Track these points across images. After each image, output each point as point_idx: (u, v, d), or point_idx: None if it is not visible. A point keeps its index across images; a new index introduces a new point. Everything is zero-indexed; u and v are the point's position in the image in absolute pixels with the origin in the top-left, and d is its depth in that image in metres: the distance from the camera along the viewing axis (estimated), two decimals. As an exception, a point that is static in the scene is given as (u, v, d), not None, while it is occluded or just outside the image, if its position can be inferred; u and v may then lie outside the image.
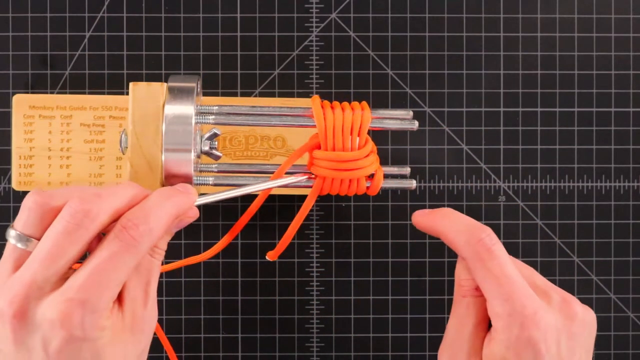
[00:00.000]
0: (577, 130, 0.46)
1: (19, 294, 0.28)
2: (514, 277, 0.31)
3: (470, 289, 0.33)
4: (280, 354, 0.46)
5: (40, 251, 0.29)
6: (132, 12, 0.45)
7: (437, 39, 0.46)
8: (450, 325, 0.33)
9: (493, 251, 0.31)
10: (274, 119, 0.37)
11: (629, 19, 0.46)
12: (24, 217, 0.29)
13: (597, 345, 0.46)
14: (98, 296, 0.28)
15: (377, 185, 0.37)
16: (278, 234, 0.45)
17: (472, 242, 0.31)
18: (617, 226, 0.46)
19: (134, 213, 0.30)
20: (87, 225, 0.29)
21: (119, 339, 0.29)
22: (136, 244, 0.29)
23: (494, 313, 0.31)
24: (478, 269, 0.31)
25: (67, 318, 0.27)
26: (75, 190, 0.30)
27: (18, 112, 0.43)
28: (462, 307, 0.33)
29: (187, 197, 0.32)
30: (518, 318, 0.30)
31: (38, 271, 0.28)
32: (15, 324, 0.28)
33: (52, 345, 0.28)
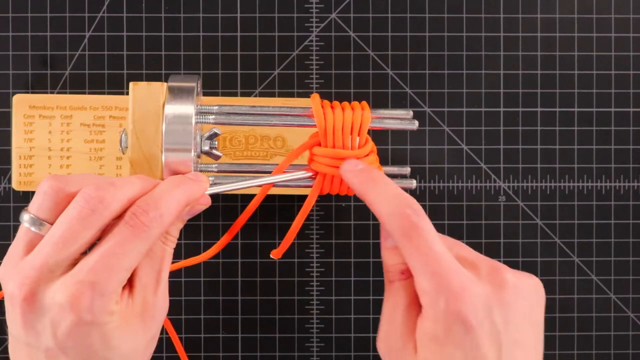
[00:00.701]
0: (577, 130, 0.46)
1: (29, 277, 0.28)
2: (440, 253, 0.29)
3: (396, 273, 0.32)
4: (280, 354, 0.46)
5: (53, 235, 0.29)
6: (132, 12, 0.45)
7: (437, 39, 0.46)
8: (383, 313, 0.32)
9: (419, 227, 0.30)
10: (274, 119, 0.37)
11: (629, 19, 0.46)
12: (39, 200, 0.29)
13: (597, 345, 0.46)
14: (107, 280, 0.28)
15: (377, 185, 0.36)
16: (278, 234, 0.45)
17: (398, 217, 0.30)
18: (617, 226, 0.46)
19: (145, 200, 0.30)
20: (100, 211, 0.29)
21: (129, 325, 0.29)
22: (146, 230, 0.29)
23: (421, 290, 0.29)
24: (404, 244, 0.30)
25: (76, 301, 0.27)
26: (91, 178, 0.30)
27: (18, 112, 0.43)
28: (392, 292, 0.32)
29: (198, 185, 0.32)
30: (444, 293, 0.28)
31: (50, 255, 0.28)
32: (25, 307, 0.28)
33: (61, 329, 0.28)
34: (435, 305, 0.29)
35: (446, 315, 0.28)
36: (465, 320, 0.28)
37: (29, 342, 0.28)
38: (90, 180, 0.30)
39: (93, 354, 0.28)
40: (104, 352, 0.28)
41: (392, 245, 0.32)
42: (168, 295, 0.31)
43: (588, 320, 0.46)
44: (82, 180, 0.30)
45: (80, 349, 0.28)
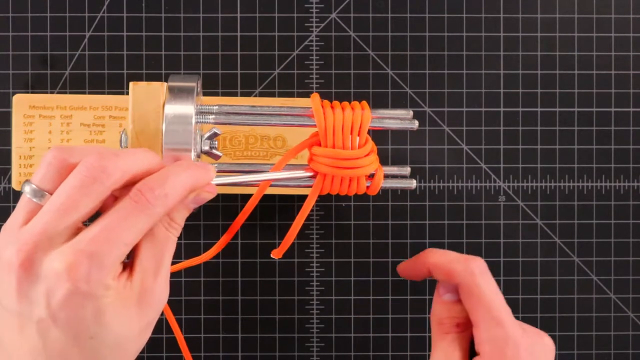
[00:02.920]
0: (577, 130, 0.46)
1: (27, 243, 0.28)
2: (504, 304, 0.33)
3: (451, 326, 0.34)
4: (280, 354, 0.46)
5: (54, 203, 0.28)
6: (132, 12, 0.45)
7: (437, 39, 0.46)
8: (434, 357, 0.34)
9: (487, 279, 0.33)
10: (274, 119, 0.37)
11: (629, 19, 0.46)
12: (43, 171, 0.29)
13: (597, 345, 0.46)
14: (106, 252, 0.28)
15: (377, 185, 0.37)
16: (278, 234, 0.45)
17: (468, 270, 0.33)
18: (617, 226, 0.46)
19: (151, 178, 0.30)
20: (102, 180, 0.29)
21: (124, 307, 0.29)
22: (150, 207, 0.29)
23: (484, 337, 0.32)
24: (473, 294, 0.33)
25: (73, 269, 0.27)
26: (94, 148, 0.30)
27: (18, 112, 0.43)
28: (446, 343, 0.34)
29: (205, 172, 0.32)
30: (509, 342, 0.32)
31: (49, 222, 0.28)
32: (21, 273, 0.28)
33: (56, 298, 0.27)
34: (498, 355, 0.32)
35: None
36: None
37: (21, 312, 0.28)
38: (93, 151, 0.30)
39: (84, 328, 0.28)
40: (96, 327, 0.28)
41: (452, 300, 0.35)
42: (169, 285, 0.31)
43: (588, 320, 0.46)
44: (86, 151, 0.30)
45: (73, 320, 0.28)
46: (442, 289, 0.35)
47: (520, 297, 0.46)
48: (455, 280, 0.34)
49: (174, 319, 0.42)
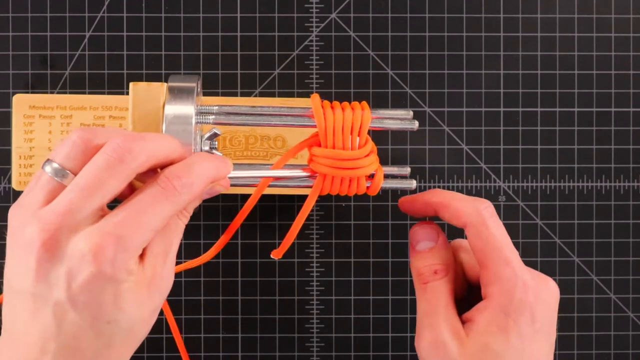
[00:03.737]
0: (577, 130, 0.46)
1: (52, 223, 0.27)
2: (512, 247, 0.33)
3: (430, 274, 0.34)
4: (280, 354, 0.46)
5: (78, 183, 0.28)
6: (132, 12, 0.45)
7: (437, 39, 0.46)
8: (421, 311, 0.34)
9: (496, 220, 0.33)
10: (274, 119, 0.36)
11: (629, 19, 0.46)
12: (66, 150, 0.29)
13: (597, 345, 0.46)
14: (133, 236, 0.28)
15: (377, 185, 0.37)
16: (278, 234, 0.45)
17: (478, 210, 0.33)
18: (617, 226, 0.46)
19: (177, 166, 0.30)
20: (128, 162, 0.28)
21: (139, 292, 0.29)
22: (177, 194, 0.29)
23: (492, 278, 0.32)
24: (482, 234, 0.33)
25: (100, 251, 0.27)
26: (120, 130, 0.30)
27: (18, 112, 0.43)
28: (428, 292, 0.34)
29: (225, 164, 0.32)
30: (518, 283, 0.31)
31: (75, 201, 0.28)
32: (43, 253, 0.27)
33: (78, 280, 0.27)
34: (508, 295, 0.32)
35: (518, 304, 0.31)
36: (533, 311, 0.31)
37: (36, 293, 0.27)
38: (119, 132, 0.30)
39: (102, 313, 0.28)
40: (113, 312, 0.28)
41: (426, 248, 0.35)
42: (174, 271, 0.31)
43: (588, 320, 0.46)
44: (112, 132, 0.30)
45: (92, 305, 0.27)
46: (416, 238, 0.35)
47: (520, 297, 0.46)
48: (463, 220, 0.33)
49: (173, 320, 0.42)
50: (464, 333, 0.32)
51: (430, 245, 0.35)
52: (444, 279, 0.34)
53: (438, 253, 0.35)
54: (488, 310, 0.32)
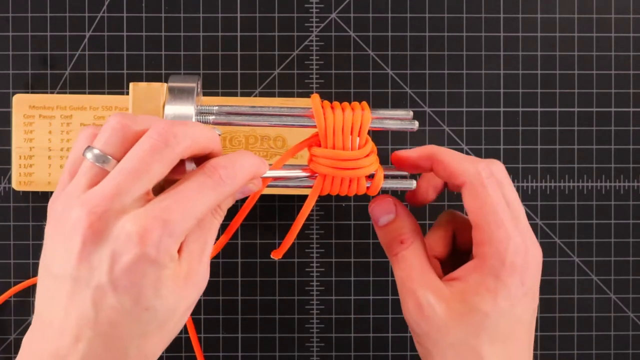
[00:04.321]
0: (577, 130, 0.46)
1: (100, 205, 0.27)
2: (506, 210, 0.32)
3: (397, 244, 0.34)
4: (280, 354, 0.46)
5: (125, 166, 0.28)
6: (132, 12, 0.45)
7: (437, 39, 0.46)
8: (400, 282, 0.34)
9: (497, 180, 0.33)
10: (274, 119, 0.36)
11: (629, 19, 0.46)
12: (106, 136, 0.29)
13: (597, 345, 0.46)
14: (179, 221, 0.28)
15: (378, 185, 0.36)
16: (278, 234, 0.45)
17: (478, 169, 0.33)
18: (617, 226, 0.46)
19: (222, 158, 0.30)
20: (173, 146, 0.29)
21: (177, 283, 0.29)
22: (222, 184, 0.29)
23: (485, 238, 0.32)
24: (479, 194, 0.32)
25: (146, 233, 0.27)
26: (156, 117, 0.30)
27: (18, 112, 0.43)
28: (400, 261, 0.34)
29: (262, 163, 0.33)
30: (510, 245, 0.31)
31: (122, 184, 0.28)
32: (89, 235, 0.27)
33: (122, 262, 0.27)
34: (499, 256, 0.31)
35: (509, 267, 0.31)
36: (523, 275, 0.31)
37: (77, 276, 0.27)
38: (158, 119, 0.30)
39: (142, 298, 0.27)
40: (152, 298, 0.28)
41: (388, 221, 0.35)
42: (209, 270, 0.31)
43: (588, 320, 0.46)
44: (151, 119, 0.30)
45: (132, 288, 0.27)
46: (377, 212, 0.35)
47: (520, 297, 0.46)
48: (461, 179, 0.33)
49: (190, 320, 0.42)
50: (447, 292, 0.32)
51: (390, 218, 0.35)
52: (412, 246, 0.34)
53: (400, 224, 0.35)
54: (478, 271, 0.32)
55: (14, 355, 0.45)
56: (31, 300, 0.45)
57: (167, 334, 0.29)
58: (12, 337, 0.45)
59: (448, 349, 0.31)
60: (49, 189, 0.43)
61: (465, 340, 0.31)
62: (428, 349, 0.32)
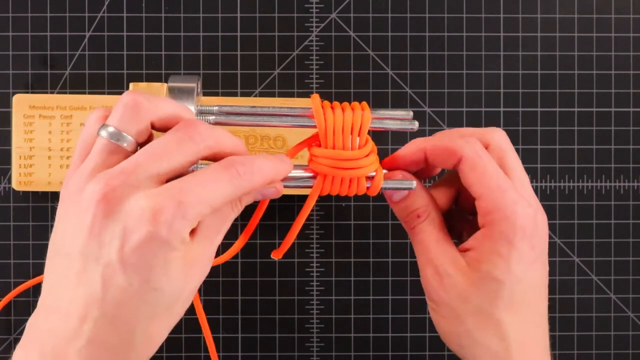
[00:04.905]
0: (577, 130, 0.46)
1: (117, 178, 0.27)
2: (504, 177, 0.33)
3: (414, 218, 0.35)
4: (280, 354, 0.46)
5: (147, 149, 0.28)
6: (132, 12, 0.45)
7: (437, 39, 0.46)
8: (418, 254, 0.34)
9: (500, 147, 0.33)
10: (274, 119, 0.36)
11: (629, 19, 0.46)
12: (120, 113, 0.29)
13: (597, 345, 0.46)
14: (193, 205, 0.28)
15: (377, 185, 0.36)
16: (278, 234, 0.46)
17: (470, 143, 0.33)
18: (617, 226, 0.46)
19: (241, 157, 0.30)
20: (197, 142, 0.29)
21: (185, 265, 0.28)
22: (239, 178, 0.29)
23: (491, 206, 0.32)
24: (477, 165, 0.33)
25: (159, 211, 0.27)
26: (166, 99, 0.31)
27: (18, 112, 0.43)
28: (418, 234, 0.34)
29: (284, 164, 0.33)
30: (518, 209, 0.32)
31: (142, 162, 0.28)
32: (102, 207, 0.27)
33: (132, 239, 0.27)
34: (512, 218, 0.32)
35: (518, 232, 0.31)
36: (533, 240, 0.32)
37: (88, 253, 0.27)
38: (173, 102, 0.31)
39: (151, 278, 0.27)
40: (162, 278, 0.27)
41: (402, 197, 0.35)
42: (213, 259, 0.31)
43: (588, 320, 0.46)
44: (161, 98, 0.30)
45: (142, 268, 0.27)
46: (389, 192, 0.36)
47: (520, 297, 0.46)
48: (458, 155, 0.33)
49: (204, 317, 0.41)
50: (463, 262, 0.33)
51: (404, 194, 0.35)
52: (428, 219, 0.34)
53: (415, 199, 0.35)
54: (488, 239, 0.32)
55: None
56: (31, 301, 0.45)
57: (173, 317, 0.29)
58: (12, 337, 0.45)
59: (468, 317, 0.32)
60: (49, 189, 0.43)
61: (483, 307, 0.32)
62: (446, 317, 0.33)
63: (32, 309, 0.45)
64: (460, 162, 0.33)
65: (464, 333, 0.32)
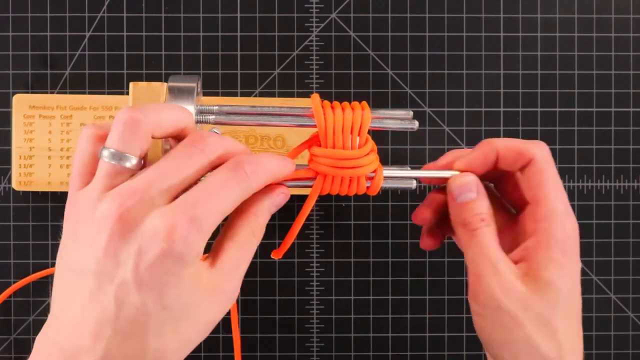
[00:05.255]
0: (577, 130, 0.46)
1: (131, 198, 0.27)
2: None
3: (478, 222, 0.34)
4: (280, 354, 0.46)
5: (158, 165, 0.29)
6: (132, 12, 0.45)
7: (437, 39, 0.46)
8: (476, 258, 0.33)
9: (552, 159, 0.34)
10: (274, 119, 0.36)
11: (629, 19, 0.46)
12: (119, 133, 0.29)
13: (597, 345, 0.46)
14: (206, 217, 0.28)
15: (377, 184, 0.36)
16: (278, 234, 0.45)
17: (542, 147, 0.34)
18: (617, 226, 0.46)
19: (247, 156, 0.31)
20: (207, 152, 0.29)
21: (199, 288, 0.29)
22: (247, 179, 0.29)
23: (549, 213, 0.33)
24: (545, 170, 0.34)
25: (174, 229, 0.27)
26: (164, 106, 0.31)
27: (18, 112, 0.43)
28: (480, 237, 0.34)
29: (286, 164, 0.33)
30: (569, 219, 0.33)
31: (154, 180, 0.28)
32: (117, 228, 0.27)
33: (147, 258, 0.27)
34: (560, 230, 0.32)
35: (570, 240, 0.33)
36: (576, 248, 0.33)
37: (103, 272, 0.27)
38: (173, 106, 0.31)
39: (163, 295, 0.27)
40: (171, 296, 0.28)
41: (468, 200, 0.35)
42: (239, 290, 0.31)
43: (588, 320, 0.46)
44: (158, 107, 0.30)
45: (155, 286, 0.27)
46: (455, 192, 0.35)
47: (520, 297, 0.46)
48: (529, 156, 0.34)
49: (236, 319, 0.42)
50: (520, 271, 0.33)
51: (472, 197, 0.35)
52: (491, 226, 0.34)
53: (481, 203, 0.35)
54: (544, 247, 0.32)
55: (14, 355, 0.45)
56: (31, 301, 0.45)
57: (184, 338, 0.29)
58: (12, 337, 0.45)
59: (528, 324, 0.32)
60: (49, 189, 0.43)
61: (544, 314, 0.32)
62: (502, 325, 0.32)
63: (32, 309, 0.45)
64: (530, 163, 0.34)
65: (522, 340, 0.32)
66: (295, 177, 0.36)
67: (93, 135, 0.30)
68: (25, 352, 0.45)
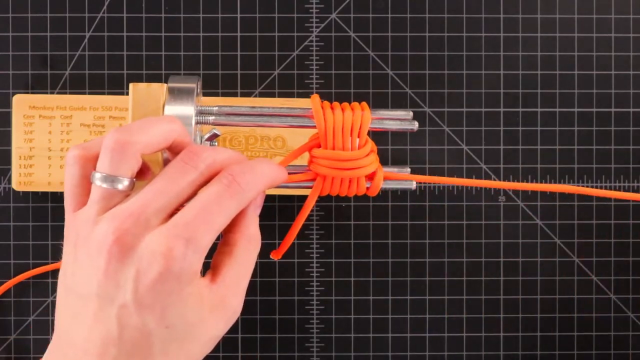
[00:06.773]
0: (577, 130, 0.46)
1: (126, 221, 0.28)
2: None
3: None
4: (280, 354, 0.46)
5: (153, 185, 0.29)
6: (132, 12, 0.45)
7: (437, 39, 0.46)
8: None
9: None
10: (274, 119, 0.36)
11: (629, 19, 0.46)
12: (109, 157, 0.29)
13: (597, 345, 0.46)
14: (202, 235, 0.28)
15: (377, 185, 0.37)
16: (278, 234, 0.46)
17: None
18: (617, 226, 0.46)
19: (240, 165, 0.30)
20: (200, 168, 0.29)
21: (201, 305, 0.29)
22: (241, 191, 0.29)
23: None
24: None
25: (170, 252, 0.27)
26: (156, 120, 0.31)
27: (18, 112, 0.43)
28: None
29: (280, 171, 0.33)
30: None
31: (150, 201, 0.28)
32: (115, 252, 0.27)
33: (146, 279, 0.27)
34: None
35: None
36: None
37: (103, 295, 0.27)
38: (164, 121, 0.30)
39: (165, 316, 0.28)
40: (174, 316, 0.28)
41: None
42: (242, 305, 0.31)
43: (588, 320, 0.46)
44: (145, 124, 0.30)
45: (156, 307, 0.27)
46: None
47: (520, 298, 0.46)
48: None
49: None
50: None
51: None
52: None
53: None
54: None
55: (14, 355, 0.45)
56: (31, 300, 0.45)
57: (189, 355, 0.29)
58: (12, 338, 0.45)
59: None
60: (49, 189, 0.43)
61: None
62: None
63: (32, 309, 0.45)
64: None
65: None
66: (294, 180, 0.36)
67: (79, 157, 0.30)
68: (25, 352, 0.45)
